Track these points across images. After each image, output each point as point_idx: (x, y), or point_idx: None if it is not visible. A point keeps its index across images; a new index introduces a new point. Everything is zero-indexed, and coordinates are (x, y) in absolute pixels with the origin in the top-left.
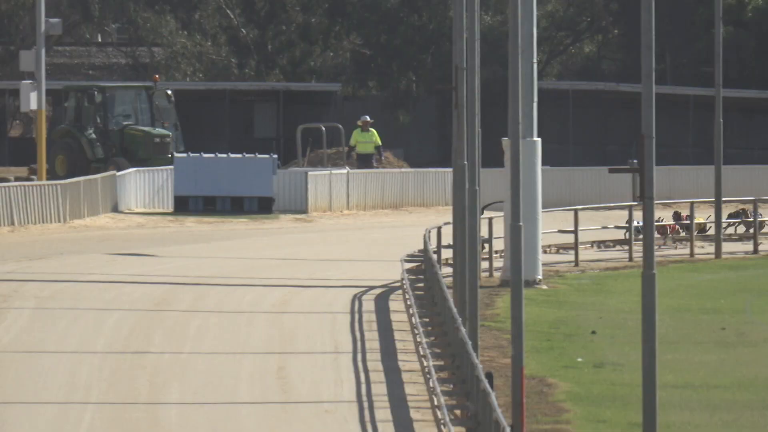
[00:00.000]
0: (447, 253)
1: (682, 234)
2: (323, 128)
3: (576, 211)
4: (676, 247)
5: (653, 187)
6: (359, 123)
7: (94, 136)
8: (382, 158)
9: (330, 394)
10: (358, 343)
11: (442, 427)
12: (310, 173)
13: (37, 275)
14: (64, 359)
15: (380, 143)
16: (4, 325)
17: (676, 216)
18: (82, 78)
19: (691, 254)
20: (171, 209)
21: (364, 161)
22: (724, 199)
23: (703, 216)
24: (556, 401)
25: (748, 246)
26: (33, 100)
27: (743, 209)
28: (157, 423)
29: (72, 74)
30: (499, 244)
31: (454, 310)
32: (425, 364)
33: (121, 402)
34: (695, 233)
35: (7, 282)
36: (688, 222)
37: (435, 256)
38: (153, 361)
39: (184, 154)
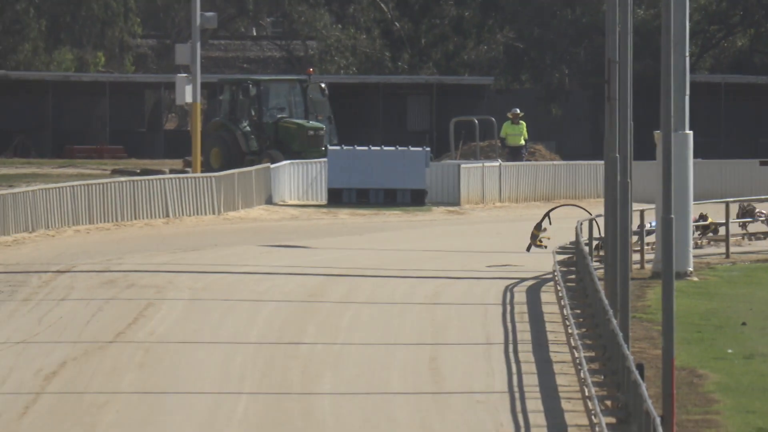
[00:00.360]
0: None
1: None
2: (476, 121)
3: (727, 204)
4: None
5: None
6: (509, 115)
7: (248, 128)
8: (527, 151)
9: (481, 385)
10: (510, 335)
11: (593, 417)
12: (462, 166)
13: (191, 266)
14: (218, 350)
15: (527, 137)
16: (159, 315)
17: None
18: (236, 71)
19: None
20: (324, 201)
21: (514, 153)
22: None
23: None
24: (706, 392)
25: None
26: (188, 94)
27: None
28: (310, 413)
29: (227, 67)
30: (650, 236)
31: (606, 301)
32: (576, 355)
33: (274, 392)
34: (706, 233)
35: (162, 273)
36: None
37: (586, 248)
38: (306, 351)
39: (338, 147)
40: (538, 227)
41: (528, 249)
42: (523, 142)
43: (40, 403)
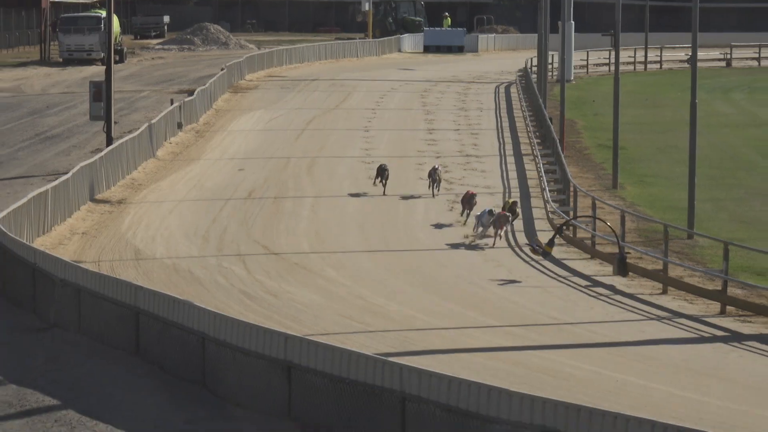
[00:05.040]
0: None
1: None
2: (485, 17)
3: (587, 52)
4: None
5: None
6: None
7: (391, 21)
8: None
9: (482, 121)
10: (496, 104)
11: (531, 138)
12: (479, 35)
13: (366, 78)
14: (378, 112)
15: (449, 24)
16: (352, 98)
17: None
18: None
19: (645, 68)
20: (422, 51)
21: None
22: None
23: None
24: (578, 129)
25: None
26: (366, 6)
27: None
28: (416, 133)
29: None
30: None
31: (538, 93)
32: (524, 114)
33: (400, 129)
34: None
35: (355, 80)
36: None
37: (529, 70)
38: (414, 112)
39: (428, 28)
40: (551, 244)
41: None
42: (448, 26)
43: (304, 133)
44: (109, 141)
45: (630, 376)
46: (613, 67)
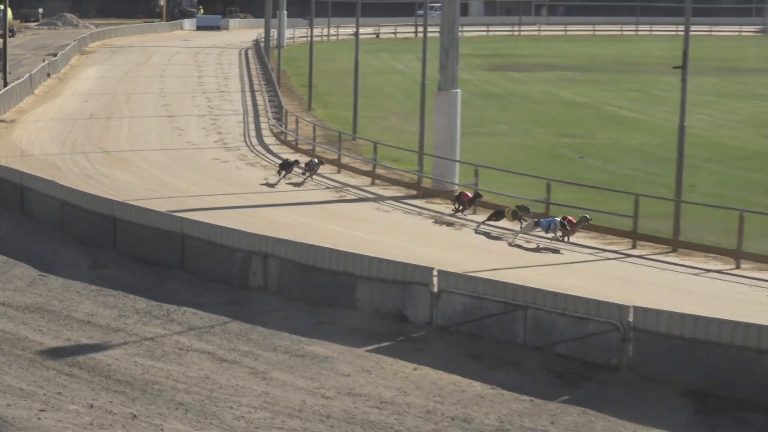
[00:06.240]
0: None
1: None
2: (238, 9)
3: (294, 30)
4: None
5: None
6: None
7: (177, 10)
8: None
9: (231, 73)
10: (240, 61)
11: (260, 80)
12: (230, 19)
13: (162, 46)
14: (171, 62)
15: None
16: (154, 58)
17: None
18: None
19: (328, 39)
20: (195, 29)
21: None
22: None
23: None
24: (288, 75)
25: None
26: (162, 2)
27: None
28: (205, 72)
29: None
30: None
31: (264, 54)
32: (256, 66)
33: (181, 76)
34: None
35: (154, 47)
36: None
37: (259, 41)
38: (191, 66)
39: (199, 15)
40: None
41: None
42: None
43: (124, 79)
44: (5, 84)
45: (324, 223)
46: (309, 39)
